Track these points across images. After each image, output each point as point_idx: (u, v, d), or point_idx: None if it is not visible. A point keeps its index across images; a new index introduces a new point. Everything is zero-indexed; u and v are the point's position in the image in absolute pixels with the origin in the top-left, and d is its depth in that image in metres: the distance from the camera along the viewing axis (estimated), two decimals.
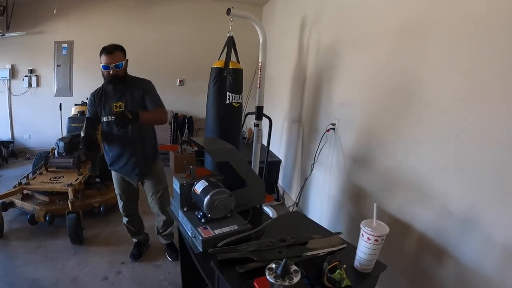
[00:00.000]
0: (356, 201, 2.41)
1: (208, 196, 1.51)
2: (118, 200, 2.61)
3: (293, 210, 2.81)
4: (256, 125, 3.08)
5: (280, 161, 3.71)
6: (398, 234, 1.94)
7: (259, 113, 3.08)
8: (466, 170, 1.52)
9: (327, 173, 2.86)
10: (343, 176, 2.57)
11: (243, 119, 3.44)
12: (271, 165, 3.51)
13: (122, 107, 2.20)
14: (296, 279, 0.96)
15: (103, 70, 2.19)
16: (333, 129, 2.69)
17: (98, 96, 2.27)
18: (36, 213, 2.98)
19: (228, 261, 1.24)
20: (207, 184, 1.60)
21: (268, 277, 0.97)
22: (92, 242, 2.94)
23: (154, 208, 2.62)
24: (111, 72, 2.16)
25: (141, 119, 2.02)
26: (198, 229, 1.51)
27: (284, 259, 0.96)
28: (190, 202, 1.69)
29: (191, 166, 1.74)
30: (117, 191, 2.56)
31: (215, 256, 1.28)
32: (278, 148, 4.13)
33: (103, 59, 2.15)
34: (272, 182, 3.71)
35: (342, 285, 1.10)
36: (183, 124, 5.49)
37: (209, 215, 1.55)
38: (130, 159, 2.33)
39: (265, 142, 3.88)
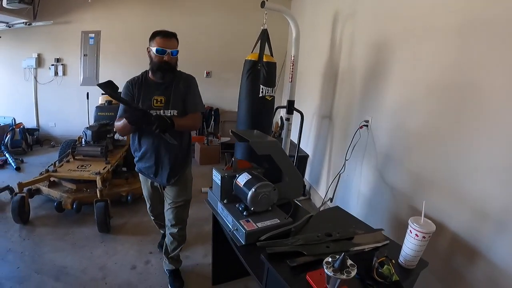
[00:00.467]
0: (388, 199, 2.35)
1: (253, 189, 1.49)
2: (146, 201, 2.44)
3: (333, 206, 2.75)
4: (287, 119, 3.06)
5: (307, 156, 3.67)
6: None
7: (290, 107, 3.05)
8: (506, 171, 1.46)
9: (357, 169, 2.81)
10: (375, 173, 2.52)
11: (274, 112, 3.43)
12: (299, 160, 3.47)
13: (163, 102, 1.97)
14: (353, 273, 0.96)
15: (155, 54, 1.90)
16: (367, 126, 2.64)
17: (137, 86, 2.00)
18: (63, 200, 3.02)
19: (276, 255, 1.22)
20: (250, 177, 1.58)
21: (326, 270, 0.96)
22: (119, 231, 2.96)
23: (168, 217, 2.25)
24: (165, 58, 1.90)
25: (176, 126, 1.90)
26: (241, 221, 1.50)
27: (343, 253, 0.97)
28: (230, 194, 1.68)
29: (232, 158, 1.72)
30: (144, 194, 2.39)
31: (261, 249, 1.27)
32: (306, 143, 4.09)
33: (159, 42, 1.91)
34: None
35: (392, 280, 1.09)
36: (209, 116, 5.48)
37: (252, 208, 1.53)
38: (160, 160, 2.08)
39: (293, 137, 3.87)
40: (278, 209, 1.61)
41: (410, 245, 1.21)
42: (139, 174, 2.29)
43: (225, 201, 1.68)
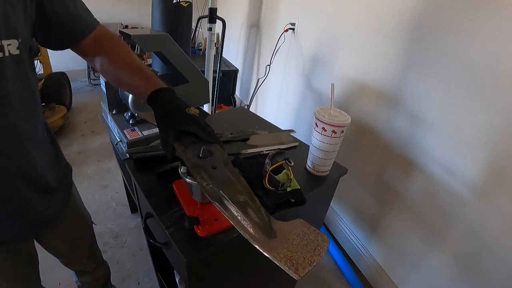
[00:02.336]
0: (315, 106, 2.18)
1: None
2: None
3: (238, 107, 2.56)
4: (209, 29, 2.74)
5: (237, 70, 3.41)
6: (362, 143, 1.77)
7: (212, 15, 2.72)
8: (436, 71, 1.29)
9: (285, 77, 2.60)
10: (302, 79, 2.31)
11: (195, 24, 3.09)
12: (227, 75, 3.22)
13: None
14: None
15: None
16: (293, 29, 2.38)
17: None
18: None
19: (145, 161, 0.98)
20: None
21: (180, 173, 0.71)
22: None
23: (79, 265, 1.30)
24: None
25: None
26: (125, 131, 1.27)
27: (202, 147, 0.68)
28: (119, 103, 1.42)
29: None
30: None
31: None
32: (236, 57, 3.78)
33: None
34: (229, 93, 3.45)
35: (288, 188, 0.85)
36: None
37: (136, 114, 1.30)
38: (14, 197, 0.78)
39: (226, 55, 3.57)
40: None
41: (317, 143, 0.94)
42: None
43: (113, 112, 1.43)
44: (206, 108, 2.97)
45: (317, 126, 0.91)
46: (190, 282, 0.77)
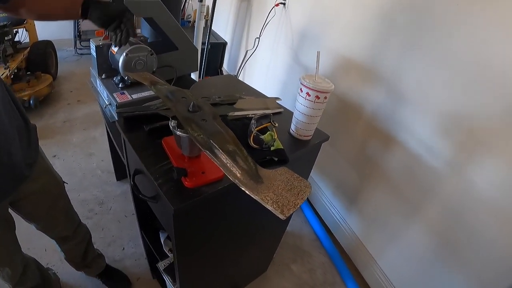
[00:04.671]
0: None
1: (124, 54, 1.25)
2: None
3: (225, 74, 2.58)
4: (200, 1, 2.72)
5: (225, 43, 3.39)
6: (346, 117, 1.81)
7: None
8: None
9: (273, 52, 2.61)
10: (290, 53, 2.33)
11: None
12: (216, 47, 3.19)
13: None
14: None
15: None
16: (284, 4, 2.38)
17: None
18: None
19: (138, 121, 0.99)
20: None
21: (171, 127, 0.73)
22: None
23: (58, 229, 1.31)
24: None
25: None
26: (114, 94, 1.28)
27: (192, 102, 0.72)
28: (109, 68, 1.42)
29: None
30: None
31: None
32: (225, 30, 3.76)
33: None
34: (216, 66, 3.44)
35: (272, 148, 0.90)
36: None
37: (126, 77, 1.31)
38: None
39: (216, 27, 3.52)
40: (164, 81, 1.38)
41: (301, 107, 0.97)
42: None
43: (103, 76, 1.43)
44: (194, 77, 2.97)
45: (302, 91, 0.94)
46: (176, 233, 0.80)
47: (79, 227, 1.42)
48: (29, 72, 3.10)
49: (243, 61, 2.85)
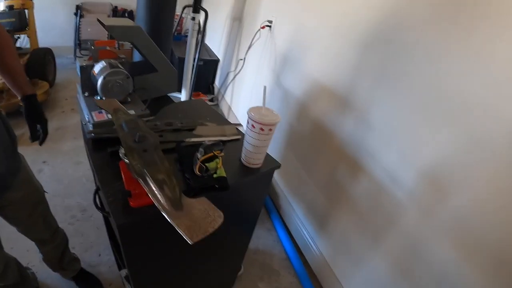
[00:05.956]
0: (281, 104, 2.31)
1: (102, 77, 1.35)
2: None
3: (195, 99, 2.69)
4: (193, 19, 2.85)
5: (218, 60, 3.51)
6: (318, 142, 1.89)
7: (197, 5, 2.82)
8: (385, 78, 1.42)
9: (258, 73, 2.73)
10: (274, 77, 2.44)
11: (181, 11, 3.20)
12: (209, 64, 3.32)
13: None
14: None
15: None
16: (269, 26, 2.49)
17: None
18: None
19: (105, 143, 1.10)
20: (105, 64, 1.42)
21: (121, 155, 0.85)
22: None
23: (37, 232, 1.45)
24: None
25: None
26: (92, 113, 1.37)
27: (137, 133, 0.84)
28: (92, 86, 1.52)
29: (92, 47, 1.53)
30: None
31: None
32: (218, 48, 3.89)
33: None
34: (208, 82, 3.56)
35: (215, 175, 0.97)
36: (122, 17, 5.01)
37: (103, 98, 1.41)
38: None
39: (209, 42, 3.64)
40: (140, 101, 1.47)
41: (248, 137, 1.04)
42: None
43: (86, 94, 1.53)
44: (184, 94, 3.08)
45: (248, 122, 1.02)
46: (123, 247, 0.90)
47: (56, 232, 1.54)
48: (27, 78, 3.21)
49: (228, 82, 2.96)
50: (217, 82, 3.88)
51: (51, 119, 3.07)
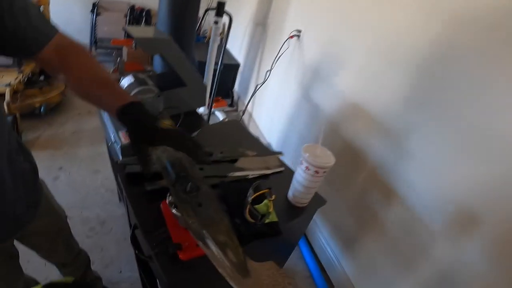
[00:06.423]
0: (310, 120, 2.22)
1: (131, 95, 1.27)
2: None
3: (232, 119, 2.60)
4: (215, 22, 2.76)
5: (238, 64, 3.42)
6: (350, 163, 1.81)
7: (220, 9, 2.73)
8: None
9: (284, 84, 2.64)
10: (301, 90, 2.35)
11: (202, 15, 3.11)
12: (229, 68, 3.23)
13: None
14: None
15: None
16: (298, 36, 2.40)
17: None
18: None
19: (137, 176, 1.01)
20: (133, 80, 1.35)
21: (168, 203, 0.78)
22: (31, 145, 2.67)
23: (58, 257, 1.37)
24: None
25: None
26: (120, 133, 1.30)
27: (189, 182, 0.74)
28: None
29: (118, 59, 1.46)
30: None
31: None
32: (239, 52, 3.80)
33: None
34: (228, 87, 3.47)
35: (266, 220, 0.89)
36: (139, 17, 4.88)
37: None
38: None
39: (230, 46, 3.53)
40: (170, 119, 1.40)
41: (300, 178, 0.97)
42: None
43: None
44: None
45: (302, 164, 0.95)
46: None
47: (78, 255, 1.46)
48: (42, 78, 3.15)
49: (252, 94, 2.87)
50: (236, 87, 3.80)
51: (67, 121, 3.02)
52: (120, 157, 1.24)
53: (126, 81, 1.35)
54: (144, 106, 0.77)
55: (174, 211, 0.72)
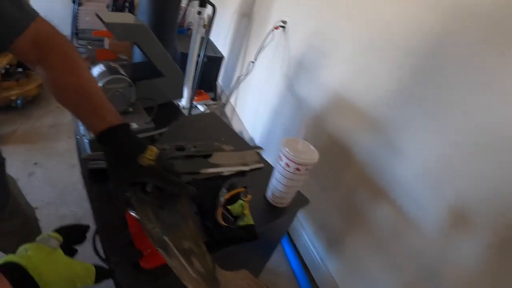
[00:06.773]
0: (295, 113, 2.15)
1: (100, 84, 1.17)
2: None
3: (210, 112, 2.52)
4: (199, 13, 2.67)
5: (222, 57, 3.33)
6: (336, 159, 1.74)
7: None
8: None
9: (268, 76, 2.56)
10: (286, 82, 2.28)
11: (186, 4, 3.01)
12: (212, 61, 3.14)
13: None
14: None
15: None
16: (283, 27, 2.32)
17: None
18: None
19: (101, 172, 0.92)
20: (104, 69, 1.25)
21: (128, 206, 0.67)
22: (6, 140, 2.54)
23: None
24: None
25: None
26: None
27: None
28: None
29: (89, 47, 1.36)
30: None
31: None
32: (223, 44, 3.70)
33: None
34: (211, 80, 3.38)
35: (241, 223, 0.80)
36: (122, 8, 4.73)
37: None
38: None
39: (213, 38, 3.45)
40: (143, 111, 1.29)
41: (279, 176, 0.87)
42: None
43: None
44: (185, 93, 2.91)
45: (281, 159, 0.85)
46: None
47: None
48: (20, 70, 3.02)
49: (235, 85, 2.79)
50: (220, 80, 3.70)
51: (45, 115, 2.90)
52: (89, 151, 1.15)
53: (96, 70, 1.25)
54: (131, 132, 0.66)
55: (133, 213, 0.64)
